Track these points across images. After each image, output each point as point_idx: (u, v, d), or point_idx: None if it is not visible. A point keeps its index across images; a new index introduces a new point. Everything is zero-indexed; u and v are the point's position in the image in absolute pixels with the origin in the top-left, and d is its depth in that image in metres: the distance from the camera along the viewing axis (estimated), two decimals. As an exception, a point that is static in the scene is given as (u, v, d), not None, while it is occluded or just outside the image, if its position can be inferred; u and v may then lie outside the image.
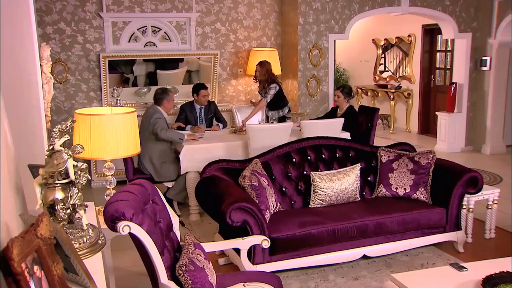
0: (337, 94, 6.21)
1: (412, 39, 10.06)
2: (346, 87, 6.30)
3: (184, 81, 7.52)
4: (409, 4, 7.65)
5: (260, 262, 3.66)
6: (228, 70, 7.57)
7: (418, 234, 4.18)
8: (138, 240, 2.38)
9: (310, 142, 4.56)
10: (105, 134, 3.05)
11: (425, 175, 4.34)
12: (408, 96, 10.09)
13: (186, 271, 2.39)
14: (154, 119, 5.37)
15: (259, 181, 3.89)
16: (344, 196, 4.30)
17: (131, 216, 2.33)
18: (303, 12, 7.24)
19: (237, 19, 7.48)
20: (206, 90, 6.10)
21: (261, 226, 3.60)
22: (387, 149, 4.61)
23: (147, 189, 2.74)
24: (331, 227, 3.85)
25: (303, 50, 7.28)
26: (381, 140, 8.70)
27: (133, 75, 7.25)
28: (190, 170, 5.19)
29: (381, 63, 11.17)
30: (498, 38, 7.87)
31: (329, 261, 3.93)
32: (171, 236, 2.83)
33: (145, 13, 6.91)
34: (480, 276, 2.70)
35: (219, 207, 3.54)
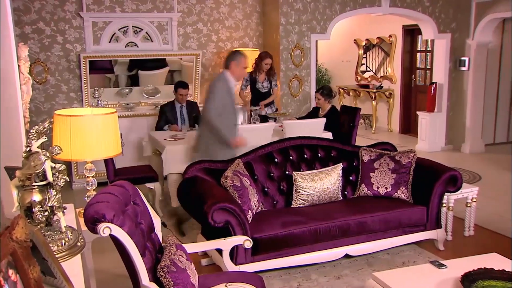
0: (317, 97, 6.28)
1: (393, 40, 10.15)
2: (325, 88, 6.35)
3: (166, 81, 7.49)
4: (389, 4, 7.73)
5: (243, 263, 3.66)
6: (210, 70, 7.55)
7: (399, 232, 4.22)
8: (119, 242, 2.36)
9: (292, 142, 4.57)
10: (85, 135, 3.01)
11: (406, 174, 4.38)
12: (390, 96, 10.18)
13: (167, 272, 2.38)
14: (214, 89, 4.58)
15: (241, 182, 3.88)
16: (326, 196, 4.32)
17: (112, 217, 2.31)
18: (285, 12, 7.26)
19: (219, 19, 7.46)
20: (184, 90, 6.07)
21: (244, 227, 3.60)
22: (369, 149, 4.65)
23: (128, 190, 2.72)
24: (313, 227, 3.86)
25: (285, 50, 7.30)
26: (363, 140, 8.77)
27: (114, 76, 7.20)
28: (173, 171, 5.16)
29: (363, 63, 11.25)
30: (476, 39, 7.99)
31: (312, 261, 3.94)
32: (152, 238, 2.81)
33: (126, 13, 6.85)
34: (459, 273, 2.73)
35: (201, 208, 3.53)
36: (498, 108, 8.84)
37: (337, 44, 11.35)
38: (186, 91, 6.12)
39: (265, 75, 6.59)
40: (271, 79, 6.63)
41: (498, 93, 8.80)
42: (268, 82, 6.62)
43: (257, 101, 6.63)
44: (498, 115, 8.88)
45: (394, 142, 6.11)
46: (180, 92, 6.05)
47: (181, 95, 6.07)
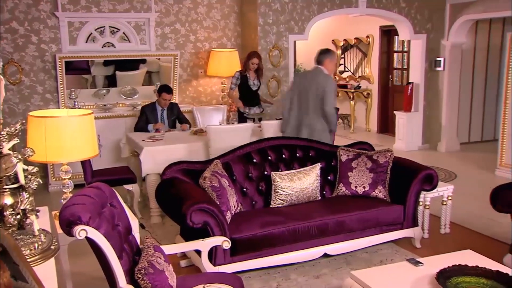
0: None
1: (370, 40, 10.26)
2: None
3: (144, 82, 7.43)
4: (366, 5, 7.80)
5: (222, 263, 3.65)
6: (188, 71, 7.52)
7: (377, 231, 4.26)
8: (96, 244, 2.33)
9: (271, 142, 4.59)
10: (61, 137, 2.98)
11: (384, 174, 4.43)
12: (367, 96, 10.28)
13: (145, 274, 2.36)
14: (328, 82, 5.03)
15: (219, 182, 3.88)
16: (305, 196, 4.34)
17: (88, 220, 2.28)
18: (263, 13, 7.27)
19: (197, 19, 7.44)
20: (169, 95, 6.04)
21: (222, 227, 3.60)
22: (347, 149, 4.69)
23: (104, 192, 2.69)
24: (292, 227, 3.88)
25: (263, 50, 7.31)
26: (341, 140, 8.84)
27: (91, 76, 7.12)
28: (151, 172, 5.13)
29: (341, 63, 11.34)
30: (451, 40, 8.12)
31: (291, 260, 3.96)
32: (130, 239, 2.79)
33: (102, 13, 6.77)
34: (435, 270, 2.77)
35: (179, 209, 3.52)
36: (472, 108, 9.01)
37: (316, 45, 11.34)
38: (170, 96, 6.09)
39: (254, 73, 6.63)
40: (260, 78, 6.67)
41: (472, 93, 8.97)
42: (258, 81, 6.66)
43: (248, 99, 6.63)
44: (473, 114, 9.05)
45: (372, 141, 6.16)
46: (164, 97, 6.02)
47: (165, 100, 6.04)
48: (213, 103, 7.60)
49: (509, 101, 6.70)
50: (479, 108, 9.10)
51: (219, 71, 7.35)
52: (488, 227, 4.91)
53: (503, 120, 6.79)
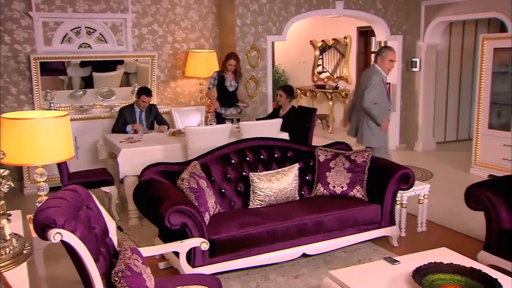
0: (279, 93, 6.39)
1: (348, 41, 10.35)
2: (288, 86, 6.49)
3: (122, 83, 7.36)
4: (343, 7, 7.87)
5: (201, 265, 3.64)
6: (166, 72, 7.48)
7: (355, 230, 4.29)
8: (71, 248, 2.30)
9: (249, 143, 4.59)
10: (35, 139, 2.94)
11: (361, 173, 4.47)
12: (346, 96, 10.36)
13: (122, 277, 2.34)
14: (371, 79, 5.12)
15: (198, 183, 3.87)
16: (283, 196, 4.36)
17: (63, 223, 2.25)
18: (241, 13, 7.27)
19: (174, 20, 7.40)
20: (148, 97, 6.00)
21: (201, 229, 3.58)
22: (325, 149, 4.72)
23: (80, 195, 2.66)
24: (270, 227, 3.88)
25: (241, 51, 7.32)
26: (320, 140, 8.88)
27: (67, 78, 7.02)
28: (129, 174, 5.09)
29: (319, 64, 11.42)
30: (426, 41, 8.25)
31: (270, 261, 3.96)
32: (107, 242, 2.76)
33: (78, 14, 6.69)
34: (411, 268, 2.81)
35: (157, 211, 3.49)
36: (447, 108, 9.15)
37: (294, 45, 11.48)
38: (149, 99, 6.06)
39: (232, 74, 6.63)
40: (237, 79, 6.68)
41: (448, 93, 9.12)
42: (236, 82, 6.66)
43: (225, 100, 6.63)
44: (448, 114, 9.20)
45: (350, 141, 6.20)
46: (143, 99, 5.98)
47: (144, 102, 6.00)
48: (192, 104, 7.57)
49: (482, 101, 6.83)
50: (454, 108, 9.25)
51: (197, 72, 7.33)
52: (463, 225, 5.00)
53: (477, 119, 6.92)
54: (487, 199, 3.77)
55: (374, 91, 5.05)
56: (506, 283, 2.68)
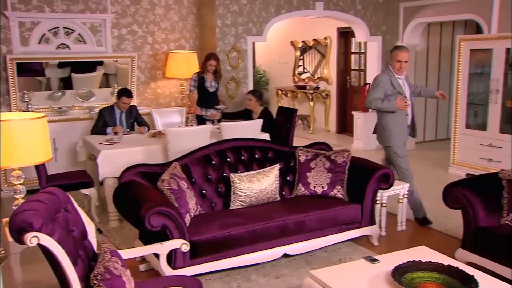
0: (249, 98, 6.39)
1: (328, 42, 10.41)
2: (257, 91, 6.56)
3: (101, 84, 7.29)
4: (323, 7, 7.93)
5: (182, 266, 3.62)
6: (146, 73, 7.43)
7: (335, 230, 4.31)
8: (49, 251, 2.27)
9: (230, 144, 4.59)
10: (12, 141, 2.90)
11: (341, 173, 4.50)
12: (326, 97, 10.43)
13: (101, 280, 2.32)
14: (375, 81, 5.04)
15: (178, 185, 3.85)
16: (264, 197, 4.36)
17: (40, 226, 2.22)
18: (221, 14, 7.27)
19: (154, 21, 7.36)
20: (128, 99, 5.96)
21: (181, 230, 3.57)
22: (305, 149, 4.74)
23: (58, 197, 2.62)
24: (251, 228, 3.88)
25: (222, 52, 7.31)
26: (301, 140, 8.91)
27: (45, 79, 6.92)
28: (108, 176, 5.04)
29: (300, 65, 11.46)
30: (405, 42, 8.33)
31: (251, 261, 3.97)
32: (85, 245, 2.73)
33: (56, 14, 6.60)
34: (390, 267, 2.84)
35: (137, 213, 3.47)
36: (426, 108, 9.27)
37: (275, 46, 11.50)
38: (130, 100, 6.01)
39: (212, 74, 6.61)
40: (218, 80, 6.66)
41: (427, 93, 9.22)
42: (216, 82, 6.64)
43: (205, 101, 6.61)
44: (427, 114, 9.31)
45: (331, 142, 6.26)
46: (124, 101, 5.93)
47: (124, 103, 5.95)
48: (172, 105, 7.53)
49: (459, 101, 6.94)
50: (433, 108, 9.37)
51: (177, 73, 7.30)
52: (442, 223, 5.07)
53: (455, 119, 7.03)
54: (464, 197, 3.84)
55: (375, 90, 4.96)
56: (482, 279, 2.72)
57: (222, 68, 6.95)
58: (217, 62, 6.60)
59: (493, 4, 6.83)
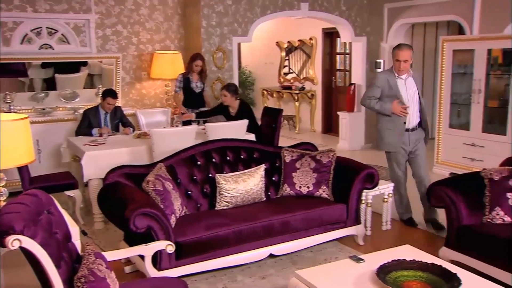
0: (223, 94, 6.12)
1: (313, 42, 10.45)
2: (232, 85, 6.24)
3: (86, 85, 7.23)
4: (308, 8, 7.95)
5: (167, 268, 3.60)
6: (131, 73, 7.38)
7: (321, 230, 4.32)
8: (31, 254, 2.25)
9: (215, 145, 4.58)
10: (-8, 143, 2.85)
11: (327, 173, 4.51)
12: (312, 97, 10.47)
13: (85, 282, 2.30)
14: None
15: (163, 186, 3.83)
16: (250, 197, 4.36)
17: (22, 228, 2.20)
18: (206, 15, 7.25)
19: (139, 21, 7.32)
20: (113, 100, 5.91)
21: (167, 231, 3.55)
22: (290, 149, 4.75)
23: (41, 199, 2.60)
24: (237, 228, 3.88)
25: (207, 53, 7.29)
26: (287, 140, 8.93)
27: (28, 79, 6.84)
28: (93, 177, 5.00)
29: (286, 65, 11.49)
30: (389, 42, 8.40)
31: (237, 262, 3.96)
32: (69, 247, 2.70)
33: (39, 13, 6.53)
34: (375, 266, 2.86)
35: (122, 214, 3.44)
36: (411, 108, 9.33)
37: (260, 47, 11.52)
38: (115, 101, 5.96)
39: (198, 75, 6.59)
40: (203, 80, 6.63)
41: (411, 93, 9.30)
42: (201, 83, 6.62)
43: (191, 101, 6.58)
44: (412, 114, 9.37)
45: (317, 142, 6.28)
46: (109, 101, 5.88)
47: (109, 104, 5.90)
48: (157, 106, 7.50)
49: (443, 101, 7.01)
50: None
51: (162, 73, 7.28)
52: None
53: (438, 119, 7.10)
54: (447, 196, 3.87)
55: (371, 89, 4.89)
56: (465, 277, 2.75)
57: (208, 68, 6.93)
58: (203, 63, 6.58)
59: (474, 5, 6.93)
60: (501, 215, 3.75)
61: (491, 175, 3.86)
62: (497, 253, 3.52)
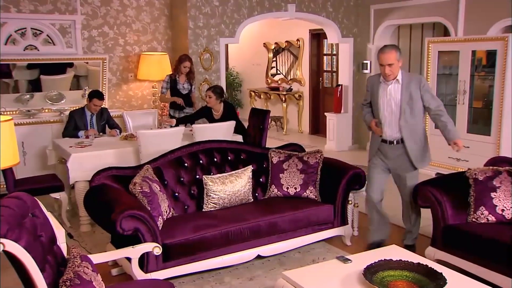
0: (208, 95, 6.02)
1: (300, 43, 10.48)
2: (218, 87, 6.15)
3: (72, 86, 7.17)
4: (295, 9, 7.98)
5: (154, 270, 3.59)
6: (118, 75, 7.34)
7: (308, 231, 4.34)
8: (15, 258, 2.22)
9: (202, 146, 4.57)
10: (-24, 145, 2.82)
11: (314, 174, 4.53)
12: (299, 98, 10.49)
13: (70, 285, 2.27)
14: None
15: (150, 187, 3.82)
16: (237, 198, 4.36)
17: (5, 232, 2.17)
18: (193, 16, 7.24)
19: (125, 22, 7.28)
20: (100, 101, 5.86)
21: (154, 233, 3.53)
22: (278, 150, 4.75)
23: (25, 202, 2.57)
24: (224, 230, 3.88)
25: (194, 54, 7.28)
26: (275, 141, 8.94)
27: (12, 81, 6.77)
28: (79, 179, 4.96)
29: (273, 67, 11.50)
30: (376, 44, 8.46)
31: (224, 263, 3.96)
32: (54, 250, 2.68)
33: (23, 14, 6.47)
34: (362, 266, 2.87)
35: (109, 216, 3.42)
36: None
37: (247, 48, 11.52)
38: (101, 102, 5.91)
39: (185, 76, 6.56)
40: (191, 82, 6.61)
41: (398, 94, 9.37)
42: (189, 84, 6.59)
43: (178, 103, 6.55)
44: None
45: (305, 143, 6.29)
46: (95, 103, 5.84)
47: (96, 105, 5.86)
48: (144, 107, 7.47)
49: (429, 102, 7.06)
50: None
51: (149, 75, 7.24)
52: (413, 222, 5.14)
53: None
54: (433, 196, 3.91)
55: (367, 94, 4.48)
56: (450, 276, 2.78)
57: (195, 69, 6.92)
58: (191, 64, 6.56)
59: (459, 7, 7.01)
60: (486, 214, 3.79)
61: (476, 175, 3.90)
62: (482, 253, 3.56)
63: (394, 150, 4.23)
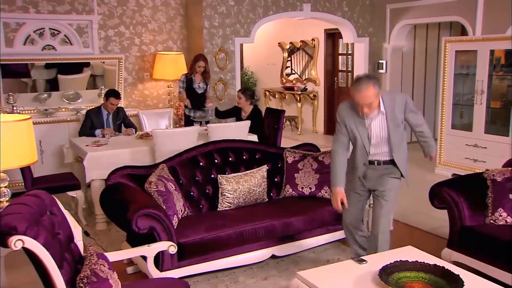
0: (238, 96, 6.31)
1: (315, 43, 10.45)
2: (249, 89, 6.41)
3: (88, 86, 7.24)
4: (310, 9, 7.96)
5: (169, 269, 3.61)
6: (134, 74, 7.39)
7: (323, 231, 4.33)
8: (34, 255, 2.25)
9: (217, 146, 4.58)
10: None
11: (329, 174, 4.49)
12: (314, 98, 10.46)
13: (87, 283, 2.30)
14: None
15: (165, 186, 3.84)
16: (252, 198, 4.36)
17: (25, 229, 2.20)
18: (208, 15, 7.26)
19: (141, 22, 7.33)
20: (116, 100, 5.92)
21: (169, 232, 3.55)
22: (292, 150, 4.75)
23: (44, 200, 2.60)
24: (239, 229, 3.88)
25: (209, 53, 7.30)
26: (289, 141, 8.93)
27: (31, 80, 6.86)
28: (95, 178, 5.01)
29: (288, 66, 11.48)
30: (392, 43, 8.42)
31: (239, 263, 3.96)
32: (71, 248, 2.71)
33: (41, 15, 6.54)
34: (378, 267, 2.85)
35: (124, 215, 3.45)
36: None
37: (262, 47, 11.51)
38: (118, 101, 5.97)
39: (201, 76, 6.59)
40: (206, 81, 6.64)
41: (413, 94, 9.30)
42: (204, 84, 6.62)
43: (193, 102, 6.59)
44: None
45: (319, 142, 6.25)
46: (112, 102, 5.89)
47: (112, 104, 5.91)
48: (160, 106, 7.51)
49: (445, 102, 7.00)
50: (420, 108, 9.42)
51: (165, 74, 7.28)
52: (429, 223, 5.11)
53: (441, 120, 7.09)
54: (450, 197, 3.87)
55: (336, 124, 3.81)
56: (467, 279, 2.75)
57: (210, 69, 6.94)
58: (206, 64, 6.59)
59: (477, 6, 6.92)
60: (504, 216, 3.74)
61: (494, 176, 3.85)
62: (499, 254, 3.51)
63: (377, 171, 3.64)
